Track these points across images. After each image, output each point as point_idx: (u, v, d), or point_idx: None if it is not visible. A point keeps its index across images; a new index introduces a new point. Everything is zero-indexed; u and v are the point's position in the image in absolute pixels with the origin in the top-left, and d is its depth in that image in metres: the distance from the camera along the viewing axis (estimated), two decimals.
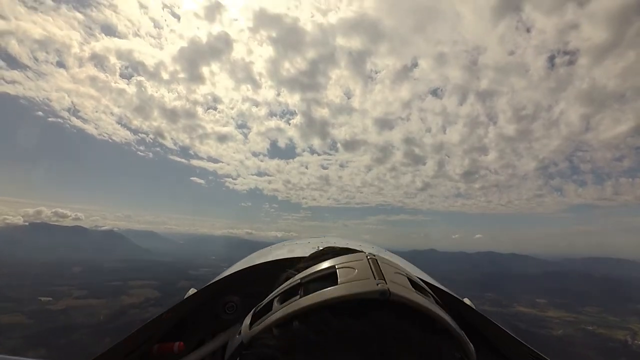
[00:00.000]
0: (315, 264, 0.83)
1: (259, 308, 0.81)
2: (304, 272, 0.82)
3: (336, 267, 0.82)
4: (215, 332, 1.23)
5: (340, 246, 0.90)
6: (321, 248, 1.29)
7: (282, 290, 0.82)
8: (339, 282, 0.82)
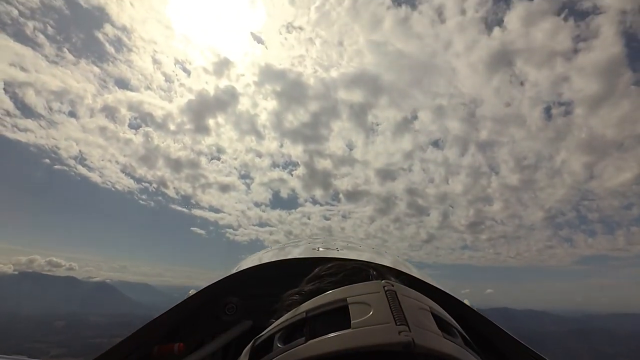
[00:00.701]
0: (320, 286, 0.70)
1: (258, 341, 0.70)
2: (310, 302, 0.69)
3: (348, 301, 0.69)
4: (215, 334, 1.23)
5: (346, 257, 0.82)
6: (321, 249, 1.23)
7: (285, 324, 0.70)
8: (352, 324, 0.69)
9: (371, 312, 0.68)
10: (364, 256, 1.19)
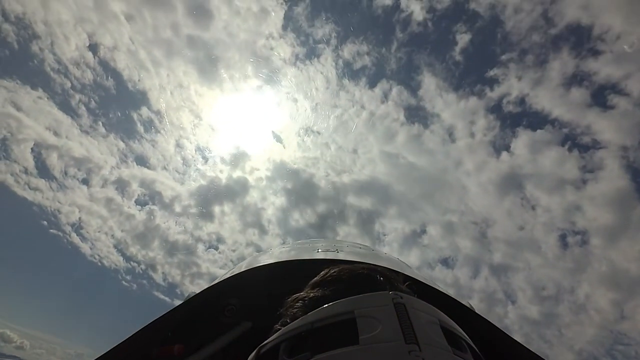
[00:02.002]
0: (325, 293, 0.70)
1: (263, 350, 0.68)
2: (316, 313, 0.67)
3: (355, 314, 0.65)
4: (215, 335, 1.22)
5: (349, 260, 0.85)
6: (321, 250, 1.24)
7: (291, 334, 0.67)
8: (360, 340, 0.63)
9: (380, 328, 0.63)
10: (367, 259, 1.18)
